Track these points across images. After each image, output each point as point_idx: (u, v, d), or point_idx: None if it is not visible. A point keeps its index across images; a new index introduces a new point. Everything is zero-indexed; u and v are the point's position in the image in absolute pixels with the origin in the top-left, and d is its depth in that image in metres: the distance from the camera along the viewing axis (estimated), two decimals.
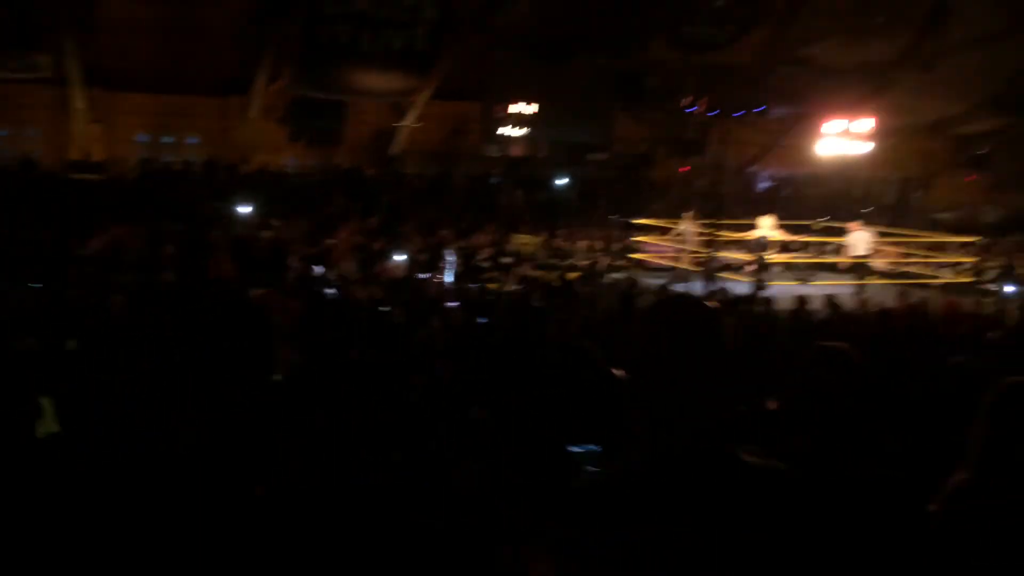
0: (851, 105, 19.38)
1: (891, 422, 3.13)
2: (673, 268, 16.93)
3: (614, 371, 2.41)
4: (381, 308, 9.94)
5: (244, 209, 17.05)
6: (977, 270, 17.11)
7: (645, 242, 18.71)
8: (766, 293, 13.42)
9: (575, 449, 1.59)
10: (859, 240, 16.15)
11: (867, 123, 18.03)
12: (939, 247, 18.98)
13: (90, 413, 3.40)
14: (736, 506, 1.53)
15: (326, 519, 1.94)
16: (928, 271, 17.94)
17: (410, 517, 1.41)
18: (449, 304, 10.89)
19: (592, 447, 1.60)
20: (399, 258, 15.07)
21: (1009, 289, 14.67)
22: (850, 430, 2.25)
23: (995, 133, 25.63)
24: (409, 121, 20.61)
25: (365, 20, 16.97)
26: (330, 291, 11.20)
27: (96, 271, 10.90)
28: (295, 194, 19.30)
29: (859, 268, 16.00)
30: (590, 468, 1.55)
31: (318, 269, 13.37)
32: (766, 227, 16.23)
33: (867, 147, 18.36)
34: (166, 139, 21.05)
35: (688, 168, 24.31)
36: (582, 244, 18.35)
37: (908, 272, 17.80)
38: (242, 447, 1.30)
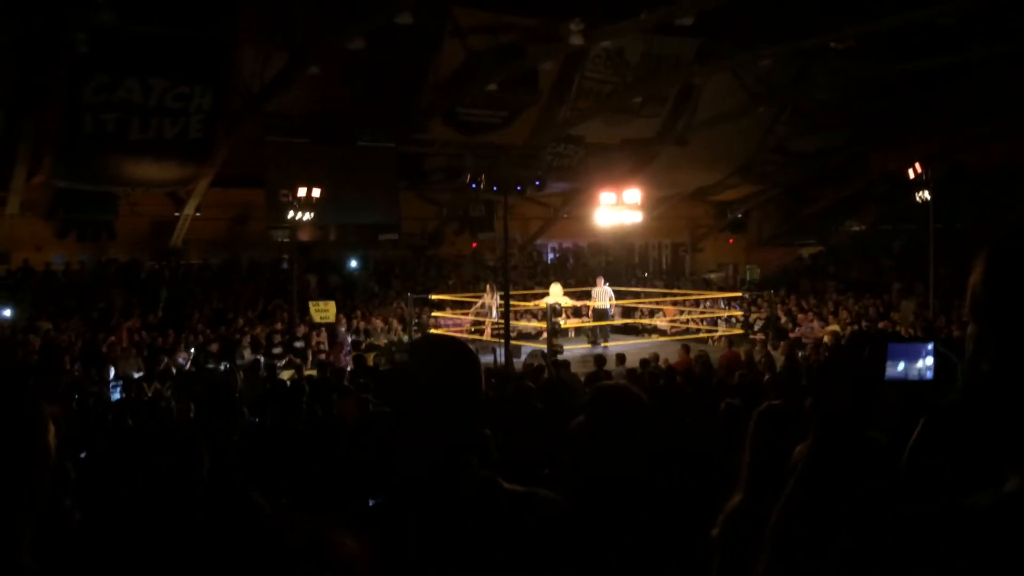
0: (620, 178, 20.85)
1: (671, 455, 3.35)
2: (474, 340, 17.24)
3: None
4: (166, 406, 9.41)
5: (5, 312, 15.65)
6: (746, 322, 18.66)
7: (441, 317, 18.98)
8: (563, 356, 13.99)
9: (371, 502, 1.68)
10: (601, 293, 17.84)
11: (636, 194, 19.43)
12: (711, 303, 20.59)
13: None
14: (496, 530, 1.63)
15: None
16: (704, 326, 19.37)
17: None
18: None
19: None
20: (187, 352, 14.37)
21: None
22: (632, 460, 2.41)
23: (747, 199, 28.54)
24: (189, 210, 19.85)
25: (132, 108, 15.94)
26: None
27: None
28: (66, 293, 17.93)
29: (600, 315, 17.75)
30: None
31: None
32: (556, 295, 16.96)
33: (639, 216, 19.77)
34: None
35: (476, 244, 25.09)
36: (379, 323, 18.30)
37: (688, 328, 19.14)
38: None
